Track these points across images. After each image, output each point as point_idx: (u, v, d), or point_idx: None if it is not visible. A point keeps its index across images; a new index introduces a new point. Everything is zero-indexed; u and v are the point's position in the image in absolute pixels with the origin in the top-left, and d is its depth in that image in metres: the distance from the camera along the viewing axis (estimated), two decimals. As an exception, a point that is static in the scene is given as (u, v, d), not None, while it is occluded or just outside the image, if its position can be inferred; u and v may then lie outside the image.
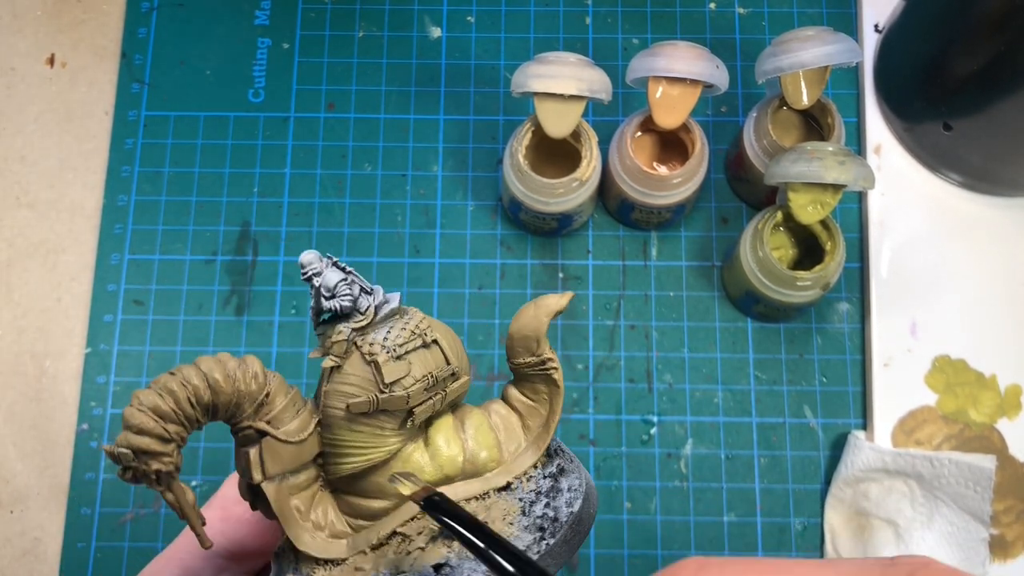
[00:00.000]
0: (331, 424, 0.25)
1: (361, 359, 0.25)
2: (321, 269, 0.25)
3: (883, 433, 0.48)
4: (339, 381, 0.25)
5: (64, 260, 0.53)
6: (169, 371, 0.23)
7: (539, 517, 0.26)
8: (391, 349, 0.25)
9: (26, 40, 0.57)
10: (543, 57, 0.45)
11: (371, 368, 0.25)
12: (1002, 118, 0.46)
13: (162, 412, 0.22)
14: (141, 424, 0.22)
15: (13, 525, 0.49)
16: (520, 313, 0.27)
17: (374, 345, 0.25)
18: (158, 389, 0.22)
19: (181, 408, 0.23)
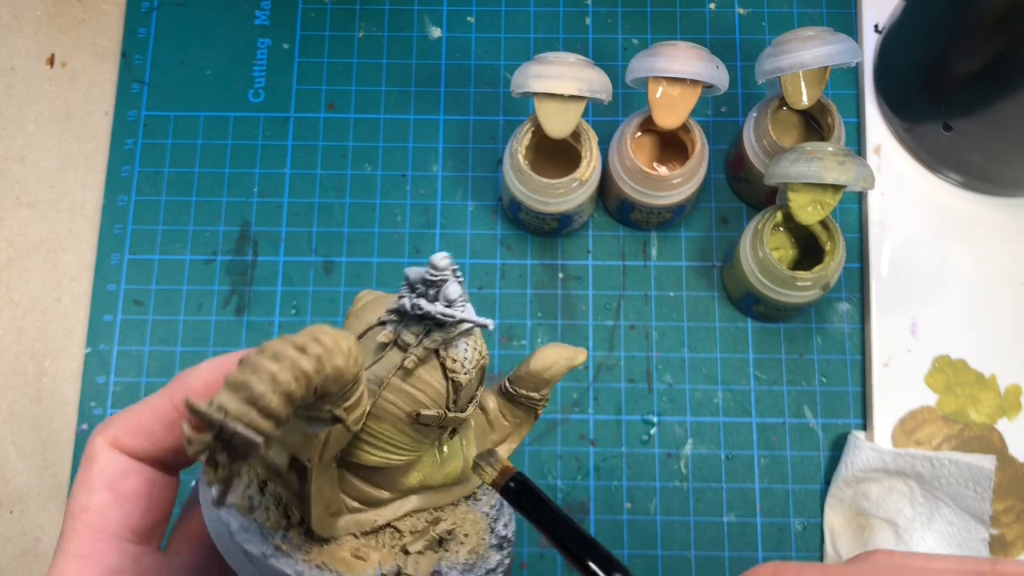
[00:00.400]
0: (382, 418, 0.24)
1: (441, 371, 0.24)
2: (448, 278, 0.24)
3: (883, 433, 0.48)
4: (413, 385, 0.24)
5: (64, 260, 0.53)
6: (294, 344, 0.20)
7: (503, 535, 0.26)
8: (468, 370, 0.25)
9: (26, 40, 0.57)
10: (543, 57, 0.45)
11: (448, 384, 0.24)
12: (1002, 118, 0.46)
13: (293, 399, 0.20)
14: (271, 408, 0.19)
15: (13, 525, 0.49)
16: (543, 355, 0.27)
17: (456, 362, 0.24)
18: (294, 372, 0.20)
19: (305, 397, 0.20)
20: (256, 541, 0.23)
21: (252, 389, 0.19)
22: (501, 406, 0.29)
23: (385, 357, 0.24)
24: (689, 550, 0.48)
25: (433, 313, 0.24)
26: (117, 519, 0.27)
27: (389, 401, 0.24)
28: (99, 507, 0.27)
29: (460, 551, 0.25)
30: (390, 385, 0.24)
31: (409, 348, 0.24)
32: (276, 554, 0.23)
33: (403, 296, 0.24)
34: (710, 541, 0.48)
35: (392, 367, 0.24)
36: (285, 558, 0.23)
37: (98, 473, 0.27)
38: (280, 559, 0.23)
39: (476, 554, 0.25)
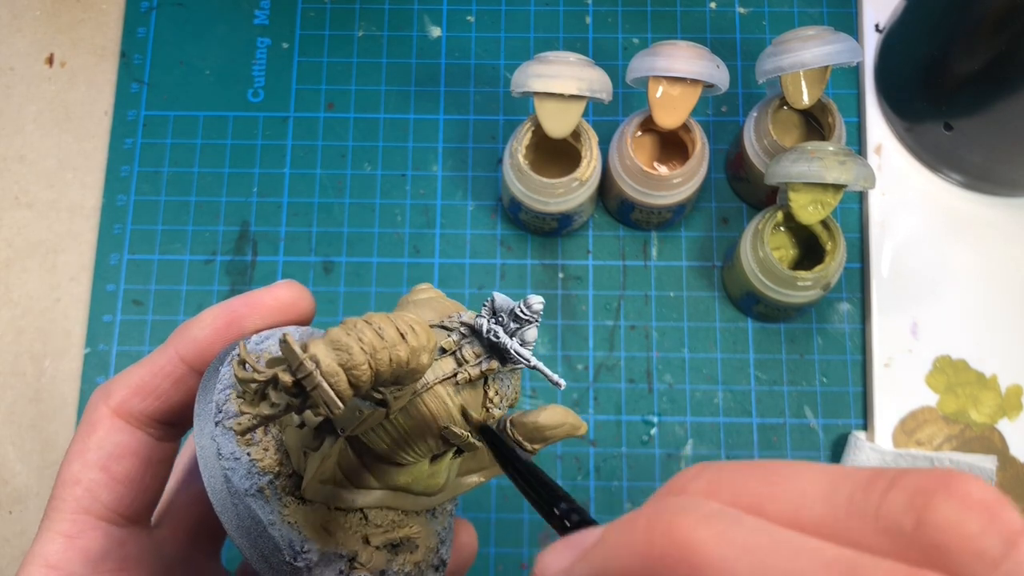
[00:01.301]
0: (412, 416, 0.24)
1: (484, 398, 0.25)
2: (534, 321, 0.24)
3: (884, 433, 0.48)
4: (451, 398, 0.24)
5: (63, 260, 0.53)
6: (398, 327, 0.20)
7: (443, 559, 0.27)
8: (503, 407, 0.25)
9: (25, 40, 0.57)
10: (543, 57, 0.45)
11: (484, 412, 0.25)
12: (1003, 118, 0.46)
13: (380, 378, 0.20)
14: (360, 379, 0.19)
15: (12, 525, 0.49)
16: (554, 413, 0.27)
17: (497, 395, 0.25)
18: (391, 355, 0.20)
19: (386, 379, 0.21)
20: (241, 474, 0.23)
21: (353, 356, 0.19)
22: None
23: (439, 362, 0.24)
24: (689, 550, 0.48)
25: (508, 347, 0.24)
26: (107, 501, 0.26)
27: (426, 404, 0.24)
28: (91, 485, 0.26)
29: (408, 561, 0.26)
30: (434, 391, 0.24)
31: (465, 365, 0.24)
32: (257, 496, 0.23)
33: (482, 316, 0.24)
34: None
35: (442, 375, 0.24)
36: (263, 503, 0.23)
37: (96, 446, 0.27)
38: (258, 502, 0.23)
39: (419, 568, 0.26)
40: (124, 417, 0.27)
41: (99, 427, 0.27)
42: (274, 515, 0.23)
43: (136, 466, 0.27)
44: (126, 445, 0.27)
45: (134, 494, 0.27)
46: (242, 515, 0.23)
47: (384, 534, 0.25)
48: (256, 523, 0.23)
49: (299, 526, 0.23)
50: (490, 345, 0.24)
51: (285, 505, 0.24)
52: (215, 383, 0.25)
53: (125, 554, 0.27)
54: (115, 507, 0.27)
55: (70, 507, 0.26)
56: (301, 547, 0.23)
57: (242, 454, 0.24)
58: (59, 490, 0.26)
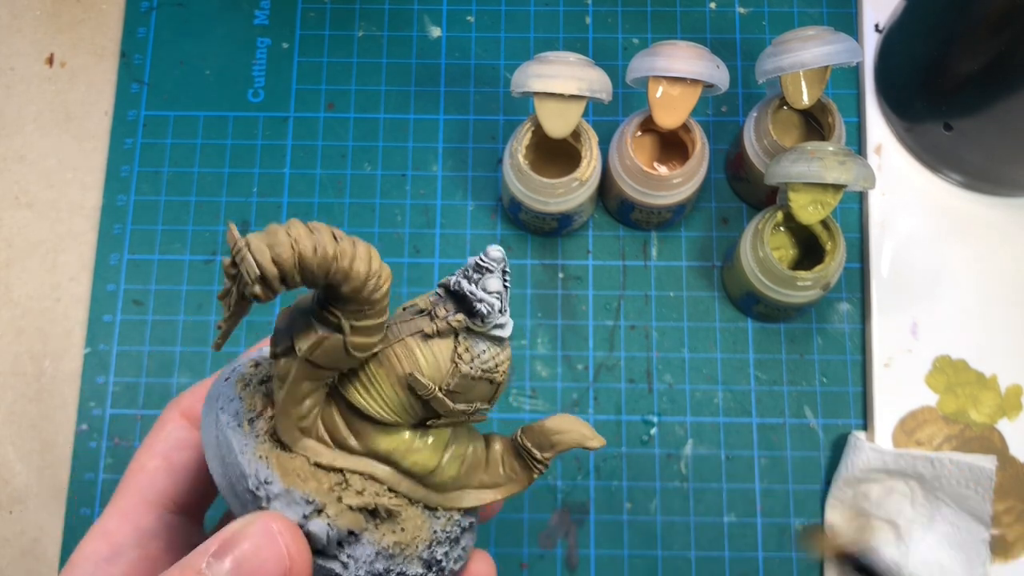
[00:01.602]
0: (383, 364, 0.25)
1: (452, 351, 0.25)
2: (495, 270, 0.25)
3: (883, 433, 0.48)
4: (421, 350, 0.25)
5: (63, 260, 0.53)
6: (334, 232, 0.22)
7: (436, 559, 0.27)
8: (476, 368, 0.26)
9: (25, 40, 0.57)
10: (543, 57, 0.45)
11: (452, 367, 0.25)
12: (1003, 118, 0.46)
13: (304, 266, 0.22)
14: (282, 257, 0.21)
15: (13, 525, 0.49)
16: (562, 419, 0.28)
17: (468, 353, 0.25)
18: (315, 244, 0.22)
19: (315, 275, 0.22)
20: (229, 412, 0.25)
21: (276, 236, 0.21)
22: (504, 452, 0.29)
23: (414, 319, 0.26)
24: (689, 550, 0.48)
25: (464, 290, 0.25)
26: (163, 487, 0.29)
27: (396, 354, 0.25)
28: (152, 471, 0.29)
29: (387, 536, 0.26)
30: (404, 341, 0.25)
31: (436, 319, 0.25)
32: (236, 429, 0.25)
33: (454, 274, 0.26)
34: (710, 541, 0.48)
35: (414, 328, 0.26)
36: (240, 436, 0.25)
37: (162, 439, 0.30)
38: (235, 433, 0.25)
39: (400, 549, 0.26)
40: (190, 419, 0.30)
41: (167, 425, 0.30)
42: (248, 447, 0.25)
43: (194, 459, 0.30)
44: (187, 439, 0.30)
45: (189, 484, 0.30)
46: (221, 444, 0.25)
47: (359, 497, 0.25)
48: (229, 450, 0.25)
49: (268, 461, 0.24)
50: (457, 298, 0.26)
51: (262, 442, 0.25)
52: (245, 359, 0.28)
53: (172, 538, 0.29)
54: (170, 493, 0.29)
55: (131, 489, 0.29)
56: (265, 478, 0.24)
57: (235, 396, 0.26)
58: (126, 476, 0.29)
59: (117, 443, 0.50)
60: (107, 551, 0.28)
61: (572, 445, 0.28)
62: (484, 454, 0.29)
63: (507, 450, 0.29)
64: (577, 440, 0.28)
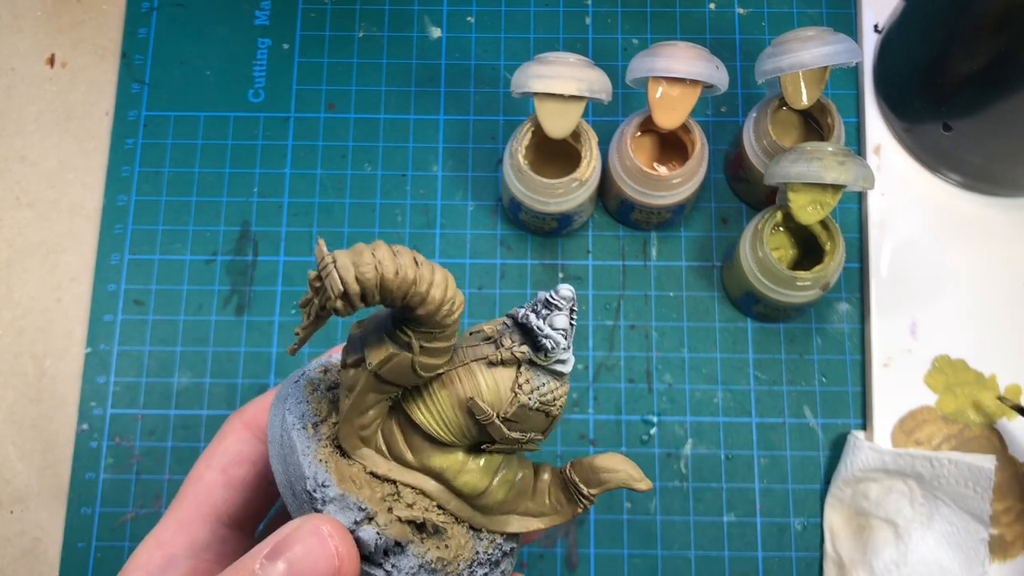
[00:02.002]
0: (445, 386, 0.26)
1: (513, 381, 0.26)
2: (563, 307, 0.26)
3: (883, 433, 0.48)
4: (484, 377, 0.26)
5: (64, 260, 0.53)
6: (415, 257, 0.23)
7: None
8: (534, 400, 0.26)
9: (26, 40, 0.57)
10: (543, 57, 0.45)
11: (511, 396, 0.26)
12: (1002, 118, 0.46)
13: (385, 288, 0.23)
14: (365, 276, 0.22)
15: (13, 525, 0.49)
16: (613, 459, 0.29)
17: (528, 384, 0.26)
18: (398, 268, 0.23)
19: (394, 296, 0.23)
20: (295, 413, 0.27)
21: (362, 255, 0.22)
22: (552, 483, 0.30)
23: (480, 346, 0.27)
24: (689, 550, 0.48)
25: (531, 324, 0.26)
26: (219, 500, 0.30)
27: (459, 377, 0.26)
28: (209, 483, 0.30)
29: (432, 551, 0.26)
30: (468, 366, 0.26)
31: (500, 348, 0.26)
32: (300, 431, 0.26)
33: (522, 307, 0.26)
34: (710, 541, 0.48)
35: (479, 355, 0.26)
36: (304, 438, 0.26)
37: (221, 452, 0.30)
38: (300, 435, 0.26)
39: (443, 565, 0.27)
40: (252, 430, 0.31)
41: (229, 436, 0.31)
42: (310, 449, 0.26)
43: (252, 474, 0.30)
44: (247, 454, 0.30)
45: (245, 499, 0.30)
46: (284, 443, 0.26)
47: (409, 510, 0.26)
48: (292, 450, 0.26)
49: (327, 465, 0.25)
50: (523, 331, 0.26)
51: (324, 446, 0.26)
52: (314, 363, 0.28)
53: (225, 551, 0.29)
54: (225, 507, 0.30)
55: (188, 500, 0.30)
56: (323, 481, 0.25)
57: (303, 399, 0.27)
58: (184, 485, 0.30)
59: (118, 443, 0.50)
60: (161, 560, 0.28)
61: (619, 485, 0.29)
62: (532, 482, 0.29)
63: (554, 481, 0.30)
64: (624, 480, 0.29)
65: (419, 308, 0.24)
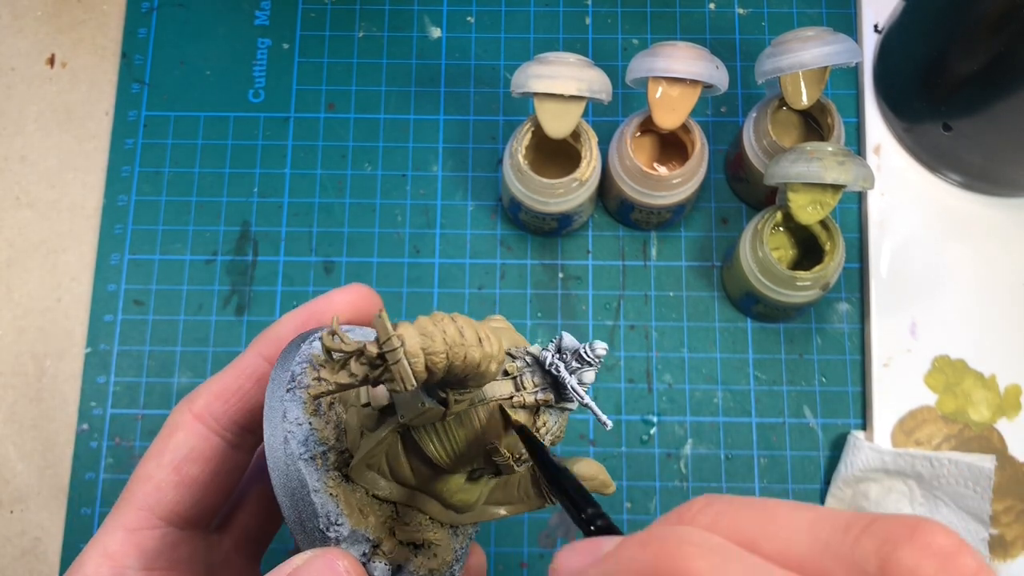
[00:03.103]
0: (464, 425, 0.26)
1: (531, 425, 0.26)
2: (595, 365, 0.26)
3: (883, 433, 0.48)
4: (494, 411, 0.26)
5: (64, 260, 0.53)
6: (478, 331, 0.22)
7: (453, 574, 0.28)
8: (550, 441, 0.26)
9: (26, 40, 0.57)
10: (543, 57, 0.45)
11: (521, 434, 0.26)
12: (1002, 118, 0.46)
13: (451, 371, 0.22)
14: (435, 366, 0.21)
15: (13, 525, 0.49)
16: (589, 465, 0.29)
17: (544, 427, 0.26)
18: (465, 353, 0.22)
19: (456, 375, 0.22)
20: (300, 439, 0.25)
21: (434, 342, 0.21)
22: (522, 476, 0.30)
23: (500, 383, 0.26)
24: (689, 550, 0.48)
25: (567, 383, 0.25)
26: (171, 502, 0.28)
27: (479, 417, 0.26)
28: (160, 484, 0.28)
29: (424, 564, 0.27)
30: (490, 407, 0.26)
31: (523, 391, 0.26)
32: (310, 461, 0.25)
33: (547, 351, 0.26)
34: (710, 541, 0.48)
35: (500, 395, 0.26)
36: (313, 469, 0.25)
37: (172, 448, 0.28)
38: (310, 467, 0.25)
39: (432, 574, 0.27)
40: (205, 421, 0.28)
41: (179, 430, 0.28)
42: (319, 483, 0.25)
43: (206, 472, 0.28)
44: (200, 450, 0.28)
45: (198, 498, 0.28)
46: (291, 476, 0.25)
47: (409, 531, 0.26)
48: (302, 486, 0.25)
49: (338, 500, 0.25)
50: (550, 378, 0.26)
51: (331, 478, 0.25)
52: (294, 356, 0.27)
53: (177, 556, 0.28)
54: (178, 509, 0.28)
55: (137, 502, 0.27)
56: (336, 519, 0.25)
57: (304, 421, 0.25)
58: (131, 485, 0.28)
59: (118, 443, 0.50)
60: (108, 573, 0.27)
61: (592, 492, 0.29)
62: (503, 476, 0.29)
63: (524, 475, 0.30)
64: (597, 488, 0.29)
65: (471, 381, 0.23)
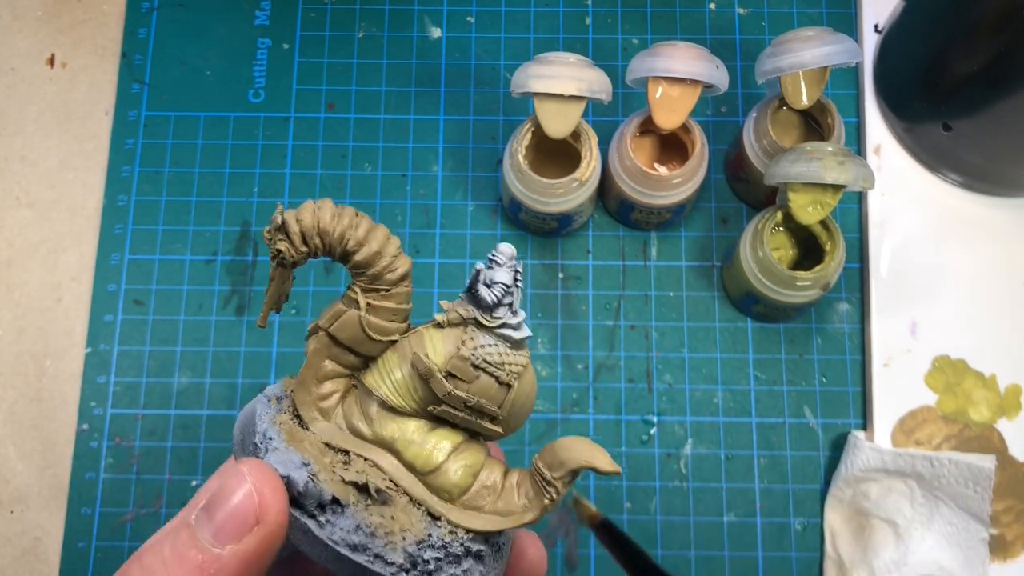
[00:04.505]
0: (396, 351, 0.27)
1: (456, 340, 0.27)
2: (503, 263, 0.27)
3: (883, 433, 0.48)
4: (432, 337, 0.27)
5: (64, 260, 0.53)
6: (356, 211, 0.26)
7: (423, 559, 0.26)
8: (478, 357, 0.27)
9: (26, 40, 0.57)
10: (543, 57, 0.45)
11: (454, 351, 0.27)
12: (1002, 118, 0.46)
13: (324, 233, 0.26)
14: (305, 222, 0.25)
15: (13, 525, 0.49)
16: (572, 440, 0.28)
17: (472, 342, 0.27)
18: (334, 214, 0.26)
19: (332, 243, 0.26)
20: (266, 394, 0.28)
21: (304, 205, 0.26)
22: (521, 480, 0.29)
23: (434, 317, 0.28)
24: (689, 550, 0.48)
25: (477, 290, 0.27)
26: None
27: (409, 341, 0.27)
28: None
29: (374, 517, 0.25)
30: (418, 331, 0.27)
31: (447, 311, 0.27)
32: (264, 402, 0.27)
33: None
34: (710, 541, 0.48)
35: (430, 322, 0.28)
36: (266, 406, 0.27)
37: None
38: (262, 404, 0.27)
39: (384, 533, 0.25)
40: None
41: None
42: (267, 414, 0.27)
43: None
44: None
45: None
46: (247, 413, 0.27)
47: (354, 472, 0.26)
48: (252, 415, 0.27)
49: (280, 428, 0.26)
50: (471, 295, 0.27)
51: (282, 412, 0.27)
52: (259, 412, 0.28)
53: None
54: None
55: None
56: (270, 436, 0.26)
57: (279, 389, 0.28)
58: None
59: (118, 443, 0.50)
60: None
61: (580, 465, 0.28)
62: (501, 481, 0.29)
63: (523, 478, 0.29)
64: (586, 458, 0.28)
65: (358, 254, 0.26)
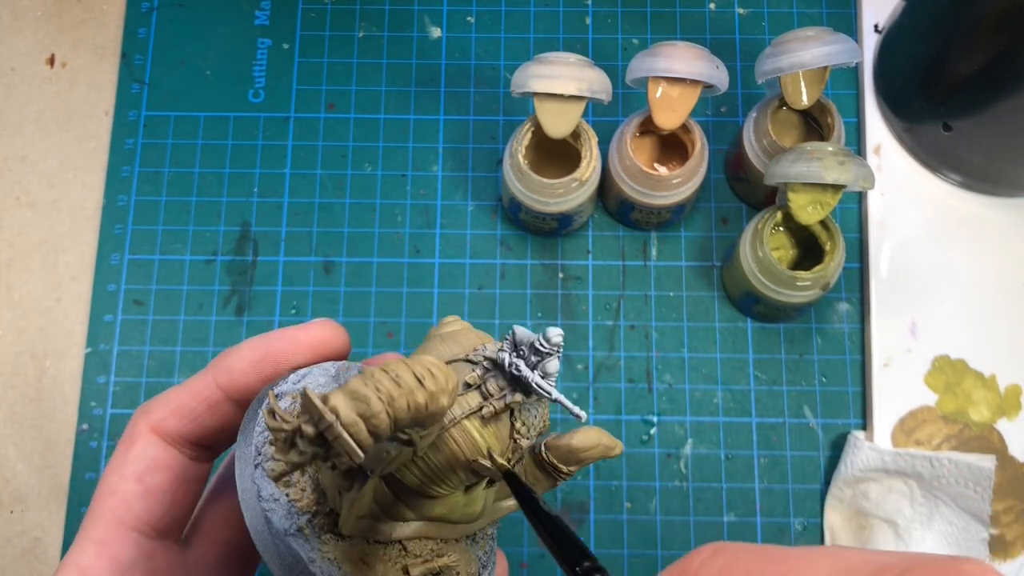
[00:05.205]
0: (440, 451, 0.24)
1: (510, 429, 0.25)
2: (554, 353, 0.24)
3: (883, 433, 0.48)
4: (481, 434, 0.24)
5: (64, 260, 0.53)
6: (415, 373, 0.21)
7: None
8: (531, 436, 0.25)
9: (26, 40, 0.57)
10: (543, 57, 0.45)
11: (511, 444, 0.25)
12: (1002, 118, 0.46)
13: (399, 425, 0.21)
14: (379, 428, 0.20)
15: (13, 525, 0.49)
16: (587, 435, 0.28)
17: (525, 426, 0.25)
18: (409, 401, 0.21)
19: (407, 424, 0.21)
20: (281, 515, 0.24)
21: (370, 406, 0.20)
22: (527, 463, 0.29)
23: (465, 397, 0.25)
24: (689, 550, 0.48)
25: (530, 381, 0.24)
26: (139, 512, 0.28)
27: (454, 439, 0.24)
28: (125, 495, 0.27)
29: None
30: (461, 425, 0.24)
31: (490, 398, 0.24)
32: (297, 535, 0.24)
33: (504, 350, 0.25)
34: (710, 541, 0.48)
35: (468, 409, 0.24)
36: (304, 541, 0.24)
37: (133, 459, 0.28)
38: (299, 540, 0.24)
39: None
40: (160, 435, 0.28)
41: (137, 442, 0.28)
42: (314, 552, 0.24)
43: (169, 480, 0.28)
44: (161, 459, 0.28)
45: (166, 507, 0.28)
46: (284, 554, 0.24)
47: (424, 564, 0.25)
48: (298, 561, 0.24)
49: (339, 562, 0.24)
50: (512, 378, 0.25)
51: (324, 543, 0.24)
52: (254, 426, 0.25)
53: (154, 566, 0.28)
54: (147, 518, 0.28)
55: (104, 516, 0.27)
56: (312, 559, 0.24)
57: (280, 495, 0.24)
58: (96, 500, 0.28)
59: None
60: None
61: (598, 459, 0.28)
62: None
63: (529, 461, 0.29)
64: (602, 454, 0.28)
65: (428, 421, 0.22)
